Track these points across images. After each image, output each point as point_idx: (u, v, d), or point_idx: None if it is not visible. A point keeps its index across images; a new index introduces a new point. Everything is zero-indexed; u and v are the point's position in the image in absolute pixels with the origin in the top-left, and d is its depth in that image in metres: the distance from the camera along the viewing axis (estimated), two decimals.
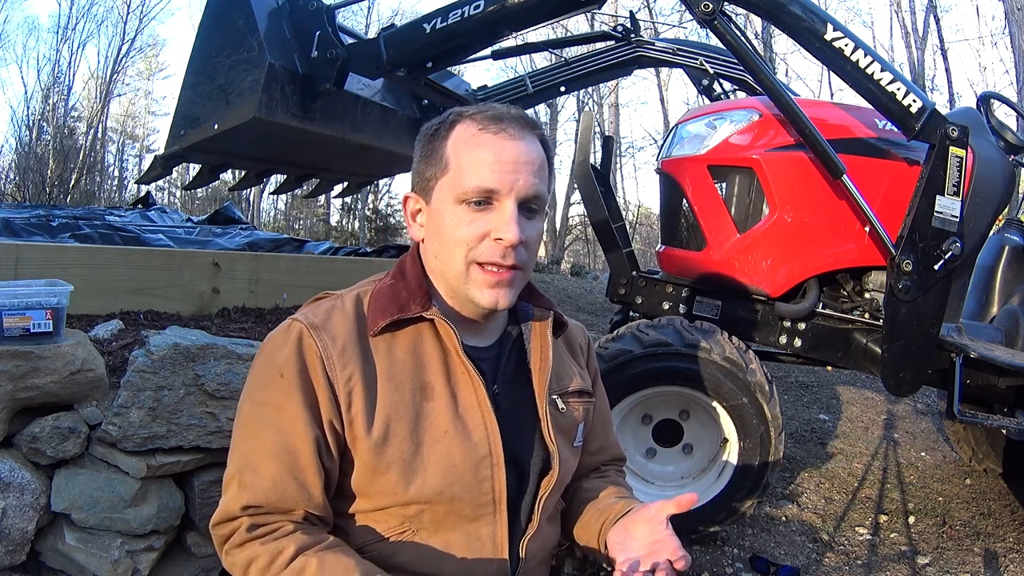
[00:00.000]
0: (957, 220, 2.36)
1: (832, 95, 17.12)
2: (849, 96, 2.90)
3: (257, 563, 0.94)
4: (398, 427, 0.99)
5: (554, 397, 1.13)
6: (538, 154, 1.03)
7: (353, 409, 0.98)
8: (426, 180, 1.05)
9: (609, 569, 1.06)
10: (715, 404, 2.50)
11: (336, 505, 1.03)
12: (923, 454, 3.98)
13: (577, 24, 15.57)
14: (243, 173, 3.85)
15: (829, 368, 3.19)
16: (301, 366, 0.98)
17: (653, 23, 15.89)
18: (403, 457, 0.98)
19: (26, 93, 21.49)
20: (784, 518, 3.02)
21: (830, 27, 2.32)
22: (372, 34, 3.53)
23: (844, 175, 2.44)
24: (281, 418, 0.97)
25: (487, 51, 3.52)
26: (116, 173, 23.35)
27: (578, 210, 21.00)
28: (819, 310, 2.68)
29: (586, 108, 18.62)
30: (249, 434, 1.00)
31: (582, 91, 17.68)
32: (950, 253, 2.35)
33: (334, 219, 19.65)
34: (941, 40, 16.96)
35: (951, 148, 2.33)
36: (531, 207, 1.02)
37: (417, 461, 0.99)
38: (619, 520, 1.09)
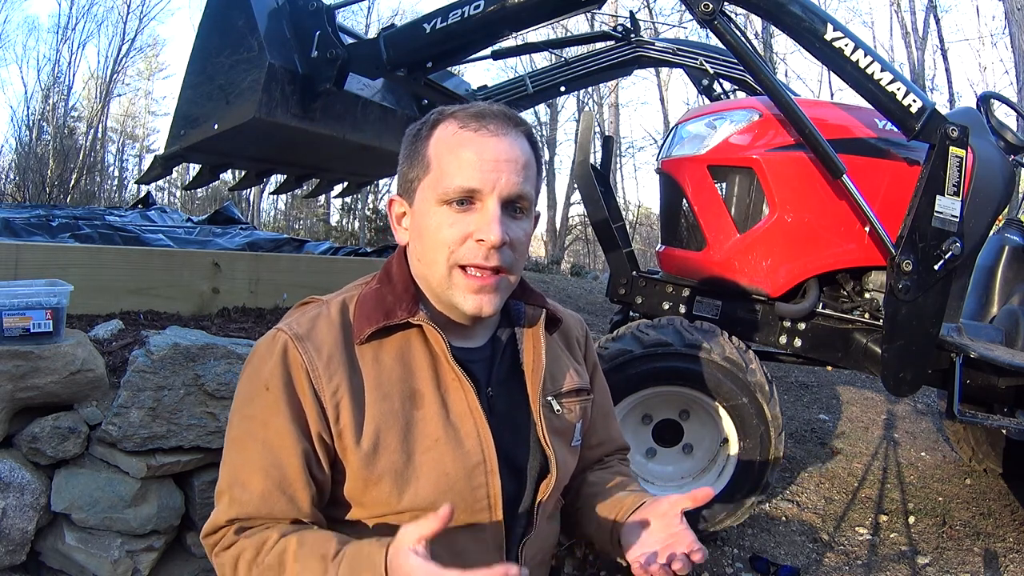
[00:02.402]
0: (957, 220, 2.36)
1: (832, 95, 17.10)
2: (849, 96, 2.90)
3: (244, 556, 0.95)
4: (388, 437, 0.97)
5: (549, 399, 1.10)
6: (522, 151, 0.99)
7: (341, 421, 0.96)
8: (409, 182, 1.03)
9: (624, 564, 1.03)
10: (715, 404, 2.50)
11: (331, 513, 1.01)
12: (923, 454, 3.98)
13: (577, 24, 15.56)
14: (243, 173, 3.85)
15: (829, 368, 3.19)
16: (287, 379, 0.96)
17: (653, 23, 15.88)
18: (394, 468, 0.97)
19: (26, 93, 21.45)
20: (784, 518, 3.02)
21: (830, 27, 2.33)
22: (372, 34, 3.53)
23: (844, 175, 2.44)
24: (268, 433, 0.96)
25: (487, 51, 3.52)
26: (116, 173, 23.35)
27: (578, 210, 20.98)
28: (819, 310, 2.68)
29: (586, 108, 18.62)
30: (238, 448, 0.99)
31: (582, 91, 17.67)
32: (950, 253, 2.35)
33: (334, 219, 19.66)
34: (941, 40, 16.95)
35: (951, 148, 2.33)
36: (516, 207, 0.99)
37: (409, 471, 0.97)
38: (631, 514, 1.06)
